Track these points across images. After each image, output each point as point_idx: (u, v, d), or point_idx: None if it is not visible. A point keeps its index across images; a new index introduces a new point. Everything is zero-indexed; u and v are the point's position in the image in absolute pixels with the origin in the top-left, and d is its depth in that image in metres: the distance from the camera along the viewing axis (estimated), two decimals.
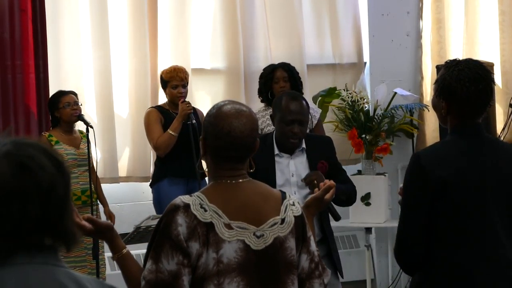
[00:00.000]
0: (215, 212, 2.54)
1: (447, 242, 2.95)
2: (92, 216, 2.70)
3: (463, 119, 3.03)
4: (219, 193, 2.59)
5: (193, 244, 2.50)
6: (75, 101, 5.83)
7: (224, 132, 2.59)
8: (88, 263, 5.78)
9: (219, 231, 2.52)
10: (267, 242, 2.57)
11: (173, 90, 5.91)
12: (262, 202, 2.62)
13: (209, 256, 2.50)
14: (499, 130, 6.76)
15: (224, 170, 2.63)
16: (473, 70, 3.00)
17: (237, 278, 2.52)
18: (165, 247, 2.50)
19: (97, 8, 6.34)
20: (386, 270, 7.11)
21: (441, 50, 7.13)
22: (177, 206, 2.55)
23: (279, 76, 5.99)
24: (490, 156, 3.01)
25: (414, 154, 3.04)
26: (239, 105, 2.66)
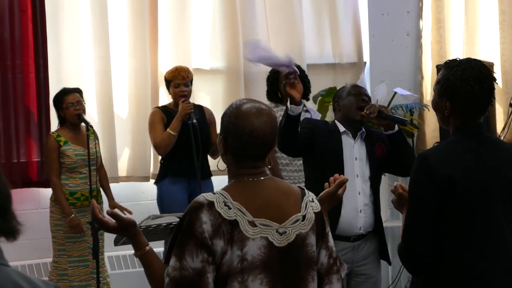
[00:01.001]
0: (239, 210, 2.56)
1: (452, 241, 2.94)
2: (116, 212, 2.67)
3: (466, 119, 3.02)
4: (241, 191, 2.61)
5: (218, 241, 2.51)
6: (78, 100, 5.83)
7: (246, 132, 2.61)
8: (90, 262, 5.78)
9: (243, 228, 2.54)
10: (290, 239, 2.60)
11: (175, 89, 5.94)
12: (284, 199, 2.65)
13: (234, 253, 2.52)
14: (499, 130, 6.77)
15: (245, 169, 2.65)
16: (476, 70, 3.00)
17: (260, 275, 2.55)
18: (189, 245, 2.51)
19: (97, 8, 6.34)
20: (386, 270, 7.10)
21: (441, 50, 7.14)
22: (201, 203, 2.55)
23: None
24: (493, 156, 3.01)
25: (420, 154, 3.03)
26: (258, 103, 2.68)
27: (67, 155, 5.78)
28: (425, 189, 2.95)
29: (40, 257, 6.25)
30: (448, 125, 3.08)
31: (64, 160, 5.78)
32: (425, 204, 2.94)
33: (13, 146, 6.06)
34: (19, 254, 6.14)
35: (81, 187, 5.78)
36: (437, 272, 2.96)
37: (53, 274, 5.84)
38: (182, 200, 5.90)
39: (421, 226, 2.94)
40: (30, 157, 6.11)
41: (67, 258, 5.78)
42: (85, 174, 5.76)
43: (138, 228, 2.69)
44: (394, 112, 6.57)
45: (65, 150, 5.78)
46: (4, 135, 6.04)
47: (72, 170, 5.79)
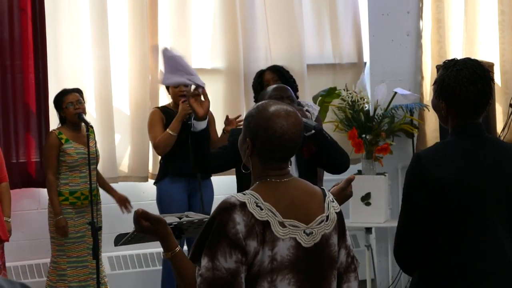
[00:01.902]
0: (270, 211, 2.58)
1: (447, 242, 2.95)
2: (146, 211, 2.64)
3: (463, 119, 3.02)
4: (270, 192, 2.62)
5: (251, 242, 2.53)
6: (78, 100, 5.83)
7: (277, 135, 2.62)
8: (89, 263, 5.78)
9: (274, 229, 2.56)
10: (316, 240, 2.63)
11: (175, 89, 5.94)
12: (309, 200, 2.67)
13: (265, 254, 2.55)
14: (499, 130, 6.76)
15: (271, 170, 2.66)
16: (471, 70, 3.00)
17: (288, 275, 2.57)
18: (222, 245, 2.52)
19: (97, 8, 6.34)
20: (386, 270, 7.11)
21: (441, 50, 7.13)
22: (233, 204, 2.56)
23: (268, 78, 5.97)
24: (491, 156, 3.01)
25: (414, 154, 3.04)
26: (285, 105, 2.69)
27: (68, 153, 5.78)
28: (417, 190, 2.95)
29: (40, 257, 6.25)
30: (447, 125, 3.08)
31: (65, 158, 5.78)
32: (417, 205, 2.95)
33: (12, 146, 6.06)
34: (18, 254, 6.14)
35: (81, 186, 5.78)
36: (431, 273, 2.97)
37: (52, 274, 5.84)
38: (182, 200, 5.90)
39: (413, 226, 2.96)
40: (30, 157, 6.11)
41: (66, 258, 5.78)
42: (85, 173, 5.76)
43: (169, 229, 2.67)
44: (394, 112, 6.57)
45: (66, 148, 5.79)
46: (3, 135, 6.03)
47: (73, 169, 5.79)
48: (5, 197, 5.61)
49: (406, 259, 3.00)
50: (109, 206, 6.15)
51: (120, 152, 6.46)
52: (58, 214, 5.72)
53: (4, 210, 5.58)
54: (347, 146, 6.42)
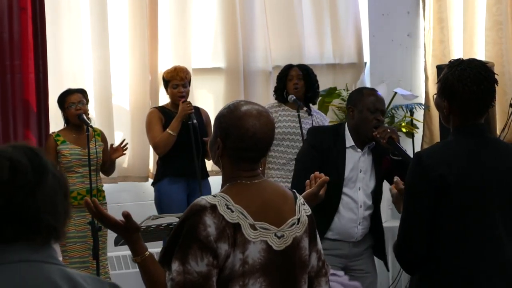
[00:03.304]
0: (240, 213, 2.54)
1: (448, 241, 2.95)
2: (130, 214, 2.64)
3: (465, 119, 3.02)
4: (241, 194, 2.59)
5: (222, 245, 2.49)
6: (80, 100, 5.82)
7: (249, 134, 2.58)
8: (91, 264, 5.78)
9: (245, 232, 2.53)
10: (287, 243, 2.59)
11: (173, 89, 5.94)
12: (281, 202, 2.64)
13: (236, 257, 2.51)
14: (499, 130, 6.76)
15: (242, 171, 2.62)
16: (475, 70, 3.00)
17: (260, 278, 2.54)
18: (193, 248, 2.48)
19: (97, 8, 6.33)
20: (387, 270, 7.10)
21: (442, 50, 7.13)
22: (204, 207, 2.52)
23: (294, 74, 6.03)
24: (492, 156, 3.01)
25: (416, 154, 3.04)
26: (256, 105, 2.66)
27: (63, 154, 5.80)
28: (419, 189, 2.95)
29: None
30: (449, 124, 3.08)
31: (61, 159, 5.81)
32: (419, 204, 2.95)
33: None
34: None
35: (77, 185, 5.78)
36: (432, 272, 2.97)
37: None
38: (182, 200, 5.90)
39: (415, 225, 2.95)
40: None
41: (68, 259, 5.78)
42: (82, 173, 5.77)
43: (140, 234, 2.67)
44: (395, 112, 6.57)
45: (61, 149, 5.80)
46: (3, 135, 6.02)
47: (69, 169, 5.80)
48: None
49: (409, 258, 2.99)
50: (110, 206, 6.14)
51: None
52: None
53: None
54: None
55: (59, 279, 1.71)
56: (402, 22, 7.25)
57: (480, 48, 7.20)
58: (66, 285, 1.71)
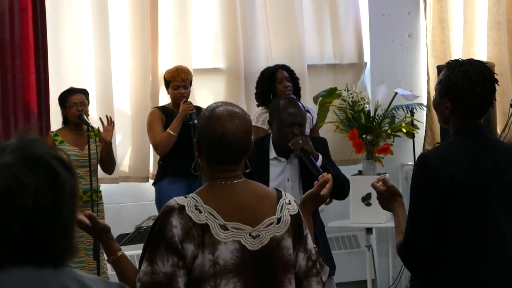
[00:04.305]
0: (210, 214, 2.54)
1: (451, 241, 2.95)
2: (93, 214, 2.69)
3: (466, 120, 3.02)
4: (214, 194, 2.59)
5: (188, 245, 2.49)
6: (82, 101, 5.83)
7: (217, 135, 2.58)
8: (87, 264, 5.79)
9: (214, 232, 2.52)
10: (263, 242, 2.57)
11: (174, 90, 5.95)
12: (258, 202, 2.62)
13: (205, 257, 2.50)
14: (500, 130, 6.76)
15: (218, 172, 2.62)
16: (478, 71, 3.00)
17: (233, 279, 2.52)
18: (160, 249, 2.50)
19: (98, 8, 6.34)
20: (387, 270, 7.11)
21: (442, 50, 7.13)
22: (172, 207, 2.53)
23: (282, 77, 6.00)
24: (494, 157, 3.01)
25: (421, 154, 3.04)
26: (232, 107, 2.65)
27: None
28: (425, 190, 2.95)
29: None
30: (449, 125, 3.08)
31: None
32: (425, 204, 2.95)
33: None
34: None
35: None
36: (436, 273, 2.96)
37: None
38: None
39: (421, 226, 2.95)
40: None
41: None
42: (78, 174, 5.78)
43: (111, 235, 2.70)
44: (395, 112, 6.57)
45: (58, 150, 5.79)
46: (4, 135, 6.03)
47: None
48: None
49: (416, 260, 2.98)
50: (109, 206, 6.15)
51: (121, 152, 6.46)
52: None
53: None
54: (348, 146, 6.43)
55: (69, 281, 1.72)
56: (403, 22, 7.24)
57: (480, 48, 7.19)
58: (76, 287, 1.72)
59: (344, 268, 4.69)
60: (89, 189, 5.71)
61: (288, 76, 6.04)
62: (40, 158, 1.76)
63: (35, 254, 1.70)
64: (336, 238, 7.03)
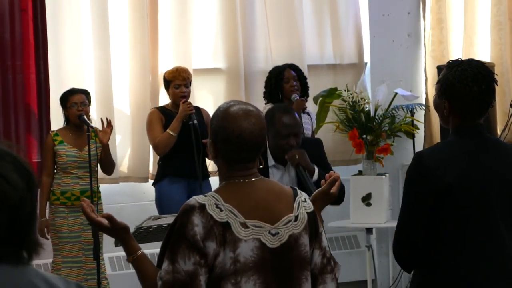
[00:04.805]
0: (230, 212, 2.56)
1: (449, 242, 2.95)
2: (112, 215, 2.67)
3: (465, 120, 3.03)
4: (233, 193, 2.61)
5: (210, 244, 2.52)
6: (82, 101, 5.83)
7: (235, 134, 2.60)
8: (84, 264, 5.79)
9: (235, 230, 2.55)
10: (282, 240, 2.60)
11: (175, 90, 5.94)
12: (275, 200, 2.65)
13: (226, 255, 2.53)
14: (500, 131, 6.76)
15: (236, 171, 2.65)
16: (475, 70, 3.00)
17: (253, 276, 2.55)
18: (182, 248, 2.52)
19: (98, 8, 6.34)
20: (387, 271, 7.11)
21: (442, 50, 7.13)
22: (193, 206, 2.56)
23: (289, 76, 6.02)
24: (493, 157, 3.01)
25: (416, 154, 3.04)
26: (246, 105, 2.68)
27: (59, 154, 5.81)
28: (419, 189, 2.96)
29: (41, 258, 6.24)
30: (448, 124, 3.09)
31: (58, 159, 5.84)
32: (419, 203, 2.95)
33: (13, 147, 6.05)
34: None
35: (71, 186, 5.79)
36: (435, 273, 2.97)
37: None
38: (182, 200, 5.80)
39: (413, 224, 2.96)
40: (31, 157, 6.11)
41: (60, 258, 5.79)
42: (76, 174, 5.80)
43: (131, 234, 2.70)
44: (395, 112, 6.57)
45: (58, 149, 5.82)
46: (4, 135, 6.03)
47: (64, 169, 5.81)
48: None
49: (406, 257, 3.00)
50: (109, 206, 6.15)
51: (120, 152, 6.46)
52: (41, 216, 5.79)
53: None
54: (348, 146, 6.44)
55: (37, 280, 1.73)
56: (403, 22, 7.25)
57: (480, 49, 7.19)
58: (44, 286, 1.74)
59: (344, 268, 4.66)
60: (88, 189, 5.71)
61: (296, 76, 6.05)
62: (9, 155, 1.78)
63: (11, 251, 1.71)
64: (336, 238, 7.03)
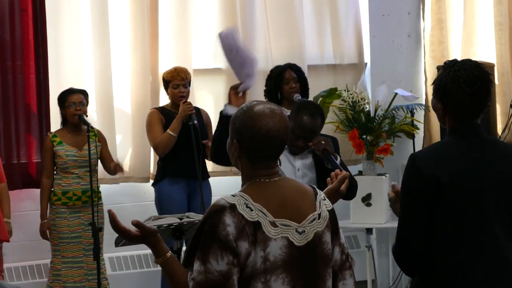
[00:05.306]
0: (260, 211, 2.59)
1: (446, 242, 2.95)
2: (140, 221, 2.67)
3: (460, 120, 3.03)
4: (260, 192, 2.64)
5: (242, 243, 2.55)
6: (81, 101, 5.84)
7: (262, 133, 2.64)
8: (85, 264, 5.79)
9: (265, 229, 2.58)
10: (308, 238, 2.64)
11: (174, 90, 5.94)
12: (300, 198, 2.69)
13: (257, 254, 2.56)
14: (500, 131, 6.76)
15: (260, 170, 2.68)
16: (468, 71, 3.00)
17: (282, 274, 2.59)
18: (213, 248, 2.53)
19: (98, 8, 6.34)
20: (387, 271, 7.11)
21: (442, 51, 7.13)
22: (223, 206, 2.57)
23: (289, 77, 5.99)
24: (489, 157, 3.01)
25: (410, 155, 3.05)
26: (269, 104, 2.71)
27: (59, 155, 5.81)
28: (415, 190, 2.96)
29: (40, 258, 6.25)
30: (445, 125, 3.09)
31: (57, 160, 5.83)
32: (416, 205, 2.96)
33: (13, 147, 6.06)
34: (19, 255, 6.14)
35: (73, 186, 5.79)
36: (430, 273, 2.97)
37: (49, 274, 5.88)
38: (182, 201, 5.90)
39: (412, 226, 2.96)
40: (30, 157, 6.12)
41: (61, 258, 5.79)
42: (77, 174, 5.80)
43: (159, 236, 2.69)
44: (395, 113, 6.57)
45: (57, 150, 5.82)
46: (4, 136, 6.04)
47: (65, 170, 5.81)
48: (4, 198, 5.65)
49: (407, 260, 3.00)
50: (109, 206, 6.12)
51: (121, 152, 6.46)
52: (43, 218, 5.80)
53: (3, 210, 5.60)
54: (348, 147, 6.44)
55: None
56: (403, 22, 7.25)
57: (480, 49, 7.20)
58: None
59: None
60: (89, 189, 5.71)
61: (296, 77, 6.02)
62: None
63: None
64: None
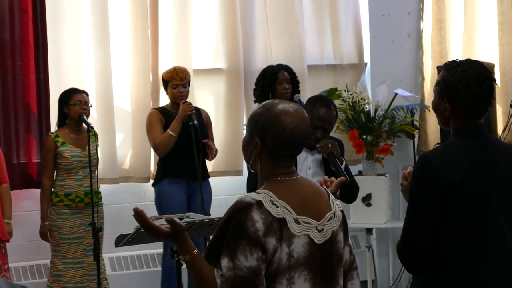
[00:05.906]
0: (285, 208, 2.62)
1: (452, 241, 2.95)
2: (173, 218, 2.65)
3: (466, 120, 3.03)
4: (283, 190, 2.66)
5: (271, 239, 2.57)
6: (86, 101, 5.83)
7: (288, 131, 2.66)
8: (86, 264, 5.79)
9: (290, 226, 2.61)
10: (327, 236, 2.68)
11: (173, 89, 5.94)
12: (318, 197, 2.72)
13: (283, 251, 2.59)
14: (500, 131, 6.77)
15: (281, 168, 2.70)
16: (475, 70, 3.01)
17: (304, 271, 2.62)
18: (242, 244, 2.55)
19: (98, 9, 6.34)
20: (387, 271, 7.11)
21: (442, 51, 7.14)
22: (249, 203, 2.59)
23: (283, 78, 6.02)
24: (494, 157, 3.02)
25: (422, 155, 3.04)
26: (288, 103, 2.73)
27: (64, 156, 5.77)
28: (426, 190, 2.96)
29: (40, 258, 6.25)
30: (448, 126, 3.08)
31: (61, 161, 5.78)
32: (425, 204, 2.96)
33: (13, 147, 6.06)
34: (19, 254, 6.14)
35: (76, 189, 5.77)
36: (437, 272, 2.97)
37: (50, 275, 5.86)
38: (182, 201, 5.90)
39: (420, 225, 2.96)
40: (30, 157, 6.11)
41: (61, 259, 5.78)
42: (81, 176, 5.77)
43: (187, 233, 2.69)
44: (395, 113, 6.57)
45: (62, 151, 5.78)
46: (4, 136, 6.04)
47: (69, 171, 5.78)
48: (6, 198, 5.63)
49: (413, 259, 3.00)
50: (109, 207, 6.16)
51: (121, 152, 6.46)
52: (44, 219, 5.79)
53: (4, 211, 5.59)
54: (348, 147, 6.44)
55: None
56: (403, 22, 7.25)
57: (479, 49, 7.20)
58: None
59: None
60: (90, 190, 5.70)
61: (289, 78, 6.06)
62: None
63: None
64: None
